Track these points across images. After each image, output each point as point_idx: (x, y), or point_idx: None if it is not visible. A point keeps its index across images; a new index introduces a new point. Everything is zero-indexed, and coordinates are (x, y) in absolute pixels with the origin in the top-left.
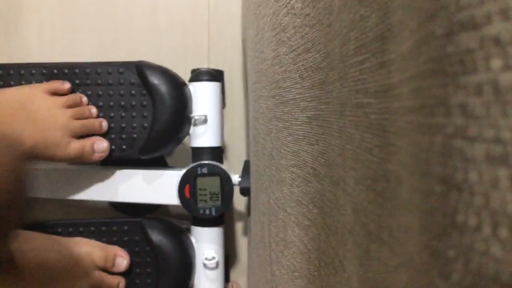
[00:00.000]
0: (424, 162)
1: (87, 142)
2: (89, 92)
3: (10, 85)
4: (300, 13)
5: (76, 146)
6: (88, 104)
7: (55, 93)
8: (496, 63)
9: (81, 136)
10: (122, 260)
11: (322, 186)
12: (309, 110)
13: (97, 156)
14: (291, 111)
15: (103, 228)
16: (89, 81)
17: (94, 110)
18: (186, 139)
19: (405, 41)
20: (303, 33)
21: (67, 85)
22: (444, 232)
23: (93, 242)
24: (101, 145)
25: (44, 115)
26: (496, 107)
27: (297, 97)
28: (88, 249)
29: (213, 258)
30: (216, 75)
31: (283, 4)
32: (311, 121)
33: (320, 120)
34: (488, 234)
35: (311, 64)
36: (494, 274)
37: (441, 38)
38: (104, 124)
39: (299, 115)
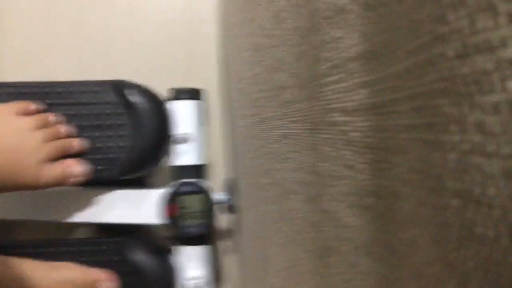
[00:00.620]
0: (436, 177)
1: (61, 168)
2: (61, 112)
3: None
4: (269, 33)
5: (49, 173)
6: (59, 123)
7: (22, 115)
8: None
9: (56, 158)
10: (105, 284)
11: (294, 204)
12: (280, 128)
13: (73, 180)
14: (266, 129)
15: (84, 247)
16: (61, 101)
17: (67, 128)
18: (168, 158)
19: (399, 63)
20: (271, 53)
21: (34, 106)
22: (461, 244)
23: (76, 266)
24: (76, 169)
25: (13, 142)
26: None
27: (270, 115)
28: (72, 274)
29: (197, 277)
30: (194, 93)
31: (257, 25)
32: (281, 139)
33: (290, 138)
34: (505, 245)
35: (279, 83)
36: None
37: (454, 59)
38: (78, 142)
39: (272, 134)
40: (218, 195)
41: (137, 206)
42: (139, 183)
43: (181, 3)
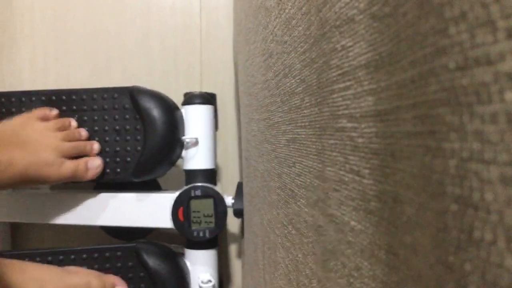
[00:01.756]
0: (437, 183)
1: (80, 161)
2: (85, 118)
3: (11, 112)
4: (280, 40)
5: (69, 165)
6: (77, 128)
7: (44, 119)
8: (509, 96)
9: (74, 157)
10: None
11: (299, 208)
12: (288, 133)
13: (91, 173)
14: (276, 134)
15: (96, 254)
16: (85, 107)
17: (84, 132)
18: (180, 162)
19: (404, 72)
20: (282, 59)
21: (54, 111)
22: (460, 247)
23: (90, 271)
24: (95, 162)
25: (35, 138)
26: (509, 134)
27: (279, 120)
28: (85, 279)
29: (209, 281)
30: (208, 98)
31: (269, 32)
32: (289, 143)
33: (297, 143)
34: (503, 248)
35: (288, 89)
36: (509, 284)
37: (455, 71)
38: (96, 146)
39: (281, 138)
40: (229, 199)
41: (149, 210)
42: (152, 186)
43: (196, 8)
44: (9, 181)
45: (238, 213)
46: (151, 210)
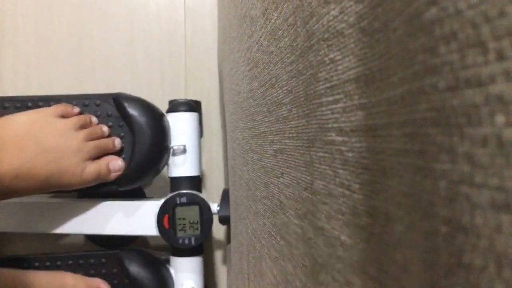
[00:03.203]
0: (427, 203)
1: (102, 164)
2: None
3: None
4: (266, 50)
5: (91, 170)
6: (98, 123)
7: (64, 116)
8: (500, 119)
9: (96, 157)
10: None
11: (288, 219)
12: (275, 144)
13: (113, 175)
14: (262, 143)
15: (81, 261)
16: None
17: (105, 128)
18: (164, 169)
19: (394, 88)
20: (268, 69)
21: (76, 109)
22: (450, 271)
23: (76, 276)
24: (117, 164)
25: (55, 142)
26: (500, 158)
27: (266, 130)
28: (72, 282)
29: None
30: (193, 106)
31: (255, 41)
32: (276, 154)
33: (285, 154)
34: (493, 274)
35: (275, 99)
36: None
37: (445, 91)
38: (117, 142)
39: (268, 148)
40: (215, 206)
41: (134, 218)
42: (137, 194)
43: (181, 16)
44: (27, 190)
45: (224, 220)
46: (136, 217)
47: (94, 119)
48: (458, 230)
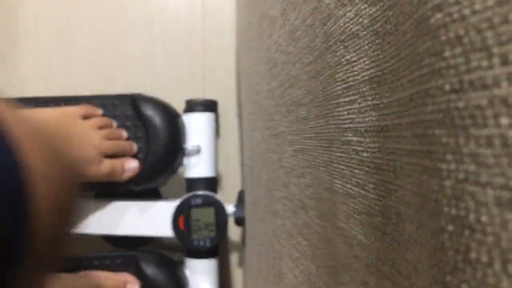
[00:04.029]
0: (434, 202)
1: (118, 162)
2: None
3: None
4: (285, 50)
5: (107, 164)
6: (118, 128)
7: (87, 117)
8: (505, 120)
9: (112, 156)
10: (133, 286)
11: (310, 219)
12: (295, 144)
13: (127, 175)
14: (282, 143)
15: (96, 262)
16: None
17: (124, 133)
18: (181, 170)
19: (403, 90)
20: (287, 70)
21: (99, 111)
22: (457, 268)
23: (103, 273)
24: (132, 165)
25: (78, 134)
26: (505, 158)
27: (285, 130)
28: (101, 279)
29: None
30: (209, 106)
31: (274, 41)
32: (297, 154)
33: (306, 154)
34: (499, 270)
35: (295, 99)
36: None
37: (450, 93)
38: (135, 146)
39: (287, 148)
40: (231, 208)
41: (149, 218)
42: (153, 194)
43: (199, 15)
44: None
45: (240, 222)
46: (151, 218)
47: (114, 123)
48: (464, 228)
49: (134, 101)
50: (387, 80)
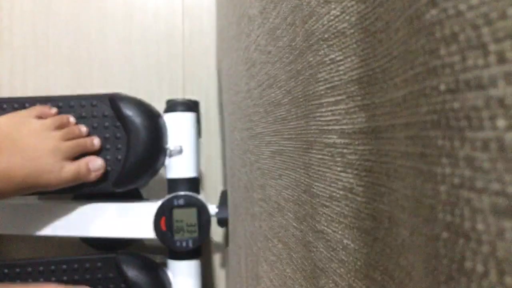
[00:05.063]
0: (429, 208)
1: (81, 163)
2: None
3: None
4: (264, 49)
5: (70, 169)
6: (75, 124)
7: (40, 117)
8: (501, 122)
9: (75, 157)
10: None
11: (286, 222)
12: (272, 145)
13: (94, 175)
14: (259, 144)
15: (75, 265)
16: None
17: (83, 128)
18: (162, 170)
19: (396, 90)
20: (266, 69)
21: (53, 110)
22: (451, 277)
23: (57, 285)
24: (96, 163)
25: (32, 142)
26: (501, 163)
27: (263, 131)
28: None
29: None
30: (191, 105)
31: (252, 40)
32: (274, 155)
33: (284, 156)
34: (495, 281)
35: (273, 99)
36: None
37: (445, 93)
38: (96, 141)
39: (264, 149)
40: (213, 208)
41: (130, 220)
42: (134, 195)
43: (179, 15)
44: (5, 192)
45: (222, 222)
46: (132, 220)
47: (72, 119)
48: (459, 236)
49: (113, 101)
50: (379, 79)
